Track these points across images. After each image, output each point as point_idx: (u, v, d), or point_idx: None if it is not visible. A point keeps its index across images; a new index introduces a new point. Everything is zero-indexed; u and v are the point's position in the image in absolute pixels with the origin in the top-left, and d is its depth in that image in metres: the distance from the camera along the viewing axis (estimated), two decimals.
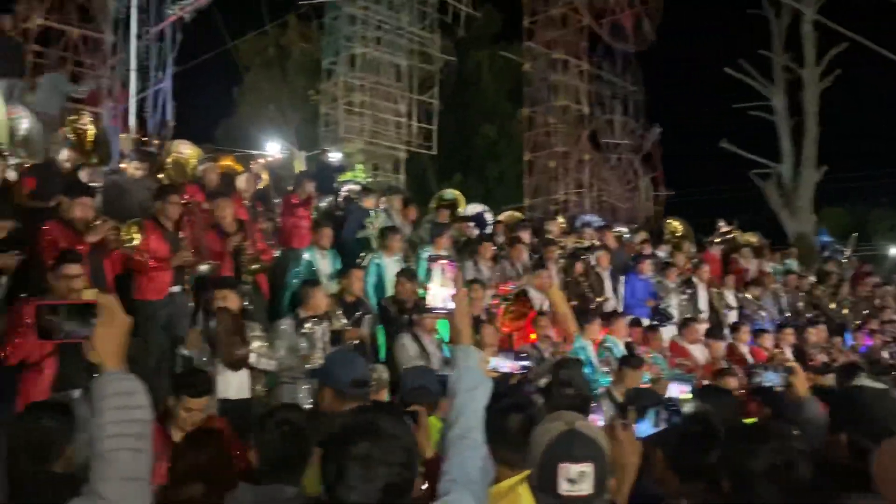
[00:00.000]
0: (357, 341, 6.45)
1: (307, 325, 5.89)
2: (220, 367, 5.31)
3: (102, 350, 1.72)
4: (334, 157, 13.11)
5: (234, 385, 5.40)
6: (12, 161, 7.23)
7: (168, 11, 13.00)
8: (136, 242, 6.00)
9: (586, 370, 6.35)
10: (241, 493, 2.38)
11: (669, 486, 2.61)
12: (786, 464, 2.19)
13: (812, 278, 13.43)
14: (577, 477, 1.89)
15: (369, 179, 16.16)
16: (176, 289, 6.30)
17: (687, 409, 2.59)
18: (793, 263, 13.97)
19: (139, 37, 12.33)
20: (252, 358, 5.53)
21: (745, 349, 9.00)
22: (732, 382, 5.55)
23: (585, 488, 1.89)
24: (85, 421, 4.05)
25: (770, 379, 3.89)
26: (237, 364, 5.34)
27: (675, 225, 14.46)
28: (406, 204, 10.50)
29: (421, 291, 7.50)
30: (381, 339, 7.28)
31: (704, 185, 24.97)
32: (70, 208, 5.81)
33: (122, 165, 8.27)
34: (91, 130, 8.56)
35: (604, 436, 2.02)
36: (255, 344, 5.64)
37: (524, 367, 3.47)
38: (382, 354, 7.07)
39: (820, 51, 19.29)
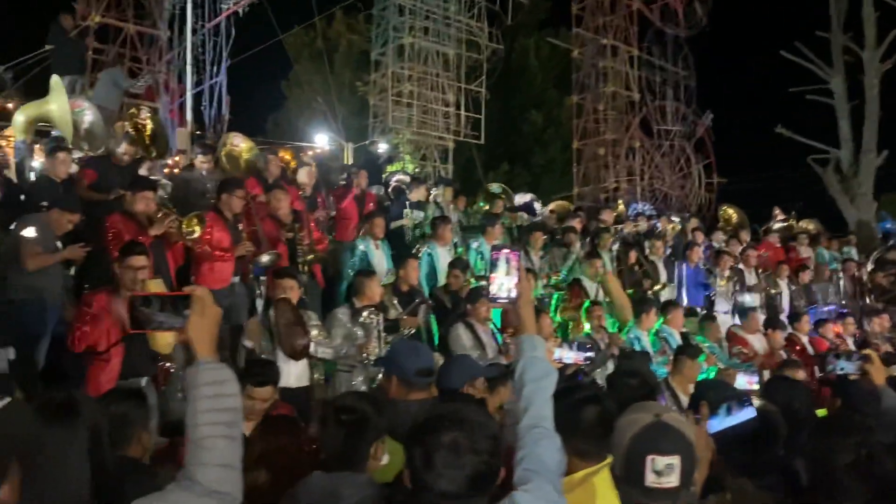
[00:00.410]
0: (413, 330, 6.46)
1: (364, 315, 5.90)
2: (279, 357, 5.38)
3: (196, 340, 1.76)
4: (381, 147, 13.15)
5: (294, 374, 5.45)
6: (76, 155, 7.41)
7: (223, 6, 13.18)
8: (196, 234, 6.10)
9: None
10: (314, 480, 2.39)
11: (725, 482, 2.56)
12: (869, 457, 2.12)
13: (870, 266, 13.00)
14: (664, 469, 1.85)
15: (417, 170, 16.24)
16: (236, 279, 6.43)
17: (756, 404, 2.52)
18: (851, 251, 13.54)
19: (194, 31, 12.53)
20: (310, 346, 5.59)
21: (805, 339, 8.76)
22: (800, 373, 5.40)
23: (672, 480, 1.85)
24: (153, 408, 4.14)
25: (844, 367, 3.76)
26: (298, 354, 5.39)
27: (730, 212, 14.13)
28: (456, 195, 10.50)
29: (473, 281, 7.49)
30: (435, 328, 7.29)
31: (760, 172, 24.28)
32: (133, 202, 5.92)
33: (192, 160, 8.41)
34: (149, 125, 8.73)
35: (690, 428, 1.98)
36: (313, 333, 5.69)
37: (588, 359, 3.42)
38: (436, 344, 7.07)
39: (881, 31, 18.57)
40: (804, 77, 19.48)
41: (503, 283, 2.23)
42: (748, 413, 2.53)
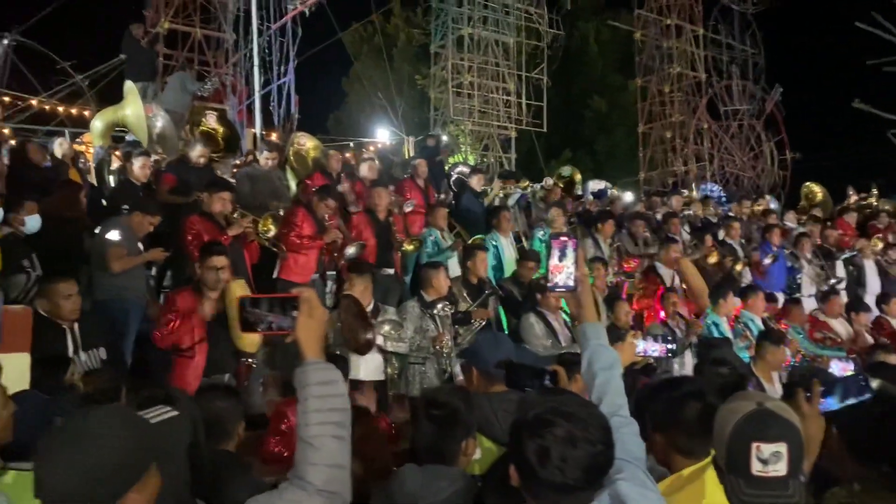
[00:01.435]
0: (484, 322, 6.45)
1: (438, 307, 5.91)
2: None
3: (304, 340, 1.78)
4: (441, 140, 13.16)
5: (370, 367, 5.51)
6: (153, 158, 7.65)
7: (289, 6, 13.41)
8: (272, 234, 6.24)
9: None
10: (407, 472, 2.40)
11: (844, 468, 2.43)
12: None
13: None
14: (770, 457, 1.78)
15: (479, 161, 16.19)
16: (315, 276, 6.61)
17: (875, 385, 2.38)
18: None
19: (259, 33, 12.79)
20: (379, 340, 5.60)
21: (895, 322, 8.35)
22: (892, 358, 5.15)
23: (780, 469, 1.79)
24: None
25: None
26: (362, 348, 5.41)
27: (814, 189, 13.56)
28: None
29: (541, 269, 7.43)
30: (504, 319, 7.25)
31: (838, 149, 23.27)
32: (210, 202, 6.09)
33: (255, 157, 8.60)
34: (221, 128, 8.95)
35: (795, 415, 1.90)
36: (385, 328, 5.72)
37: (670, 351, 3.32)
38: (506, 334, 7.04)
39: None
40: (882, 49, 18.57)
41: (563, 272, 2.23)
42: (866, 392, 2.38)
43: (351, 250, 6.79)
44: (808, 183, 14.29)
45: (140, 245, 6.02)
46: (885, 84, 19.21)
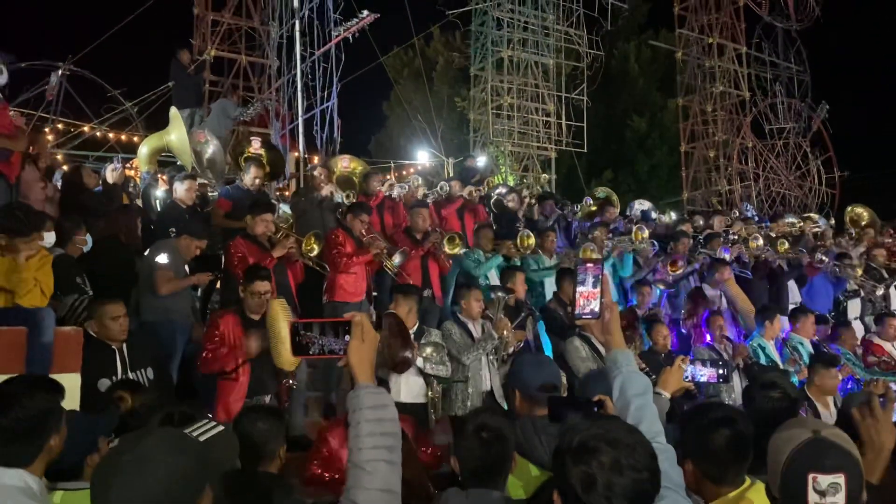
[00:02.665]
0: (521, 343, 6.39)
1: (474, 327, 5.88)
2: (391, 372, 5.42)
3: (356, 364, 1.78)
4: (479, 162, 13.17)
5: (413, 390, 5.48)
6: (200, 182, 7.81)
7: (333, 33, 13.70)
8: (314, 253, 6.29)
9: None
10: (451, 497, 2.37)
11: None
12: None
13: None
14: (827, 489, 1.72)
15: (521, 183, 16.17)
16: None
17: None
18: None
19: (302, 59, 13.05)
20: (419, 362, 5.58)
21: None
22: None
23: (838, 500, 1.72)
24: None
25: None
26: (399, 366, 5.38)
27: (859, 211, 13.23)
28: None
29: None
30: (547, 341, 7.17)
31: (888, 167, 22.64)
32: (253, 225, 6.19)
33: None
34: (266, 152, 9.11)
35: (853, 444, 1.83)
36: (428, 350, 5.69)
37: (720, 376, 3.24)
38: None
39: None
40: None
41: (590, 300, 2.23)
42: None
43: (397, 259, 6.82)
44: (851, 206, 13.90)
45: (186, 268, 6.13)
46: None
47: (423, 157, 17.12)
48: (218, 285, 6.70)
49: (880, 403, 2.18)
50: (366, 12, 13.59)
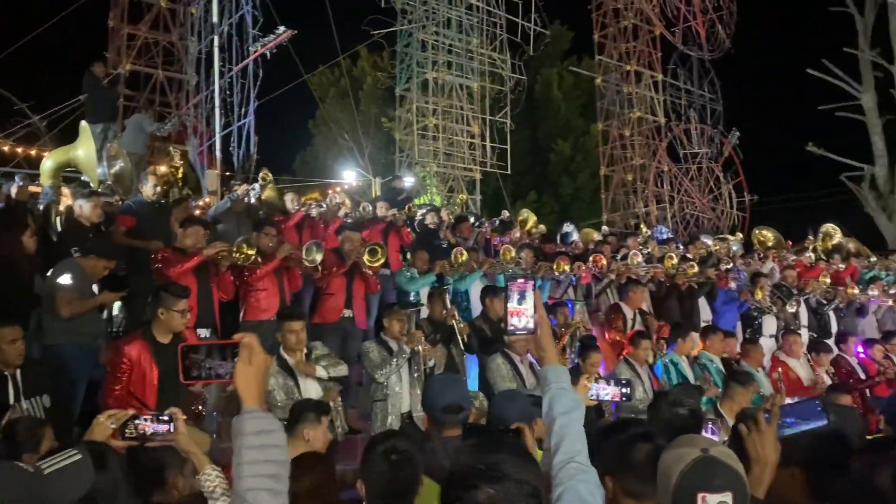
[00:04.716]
0: (432, 361, 6.37)
1: (397, 347, 5.83)
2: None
3: (242, 388, 1.70)
4: (407, 183, 13.19)
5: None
6: (105, 199, 7.51)
7: (250, 49, 13.51)
8: (251, 259, 6.15)
9: None
10: None
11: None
12: None
13: None
14: None
15: (446, 203, 16.27)
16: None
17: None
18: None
19: (221, 75, 12.81)
20: (321, 372, 5.40)
21: (854, 362, 8.46)
22: (845, 398, 5.19)
23: None
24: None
25: None
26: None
27: (766, 234, 13.85)
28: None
29: None
30: (472, 358, 7.18)
31: (794, 191, 23.86)
32: (182, 238, 6.14)
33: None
34: (181, 167, 8.85)
35: (739, 462, 1.87)
36: (322, 362, 5.49)
37: (625, 395, 3.28)
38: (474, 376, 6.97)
39: None
40: (833, 94, 19.24)
41: (522, 316, 2.19)
42: (822, 419, 2.35)
43: (314, 254, 6.57)
44: (758, 228, 14.53)
45: (95, 288, 5.87)
46: (836, 129, 19.87)
47: (349, 176, 17.04)
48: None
49: (765, 419, 2.24)
50: (282, 28, 13.45)
